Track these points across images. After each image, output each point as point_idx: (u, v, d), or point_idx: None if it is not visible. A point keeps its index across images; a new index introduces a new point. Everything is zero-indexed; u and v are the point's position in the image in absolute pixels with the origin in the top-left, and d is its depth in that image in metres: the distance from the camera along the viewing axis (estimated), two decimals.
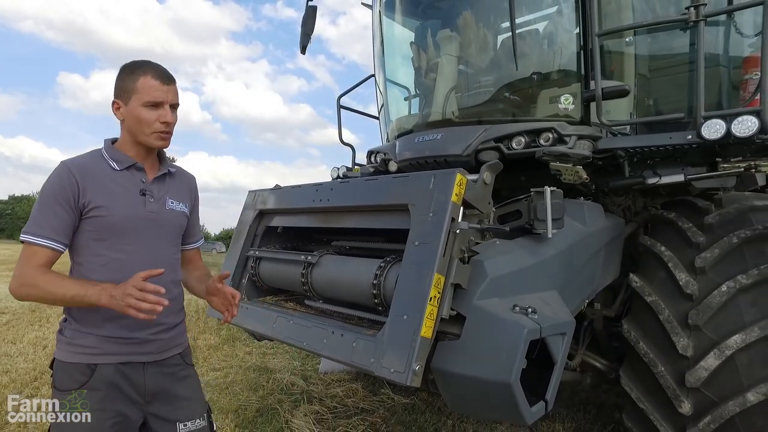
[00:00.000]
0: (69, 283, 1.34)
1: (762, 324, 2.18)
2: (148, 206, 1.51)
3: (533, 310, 1.71)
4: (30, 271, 1.34)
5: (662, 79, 2.92)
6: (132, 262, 1.44)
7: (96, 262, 1.44)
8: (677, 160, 2.69)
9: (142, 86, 1.45)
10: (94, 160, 1.48)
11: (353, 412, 3.45)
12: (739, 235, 2.39)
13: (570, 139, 2.51)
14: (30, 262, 1.36)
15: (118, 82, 1.49)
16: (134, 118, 1.46)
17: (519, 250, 2.00)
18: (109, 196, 1.44)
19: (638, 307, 2.58)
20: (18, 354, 4.97)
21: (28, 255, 1.37)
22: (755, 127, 2.12)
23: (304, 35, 3.98)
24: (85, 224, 1.42)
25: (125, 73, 1.48)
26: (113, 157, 1.50)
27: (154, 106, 1.46)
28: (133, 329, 1.46)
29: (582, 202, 2.57)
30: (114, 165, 1.48)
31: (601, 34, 2.50)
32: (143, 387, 1.49)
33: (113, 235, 1.44)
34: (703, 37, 2.25)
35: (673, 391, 2.32)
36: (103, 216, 1.42)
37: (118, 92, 1.48)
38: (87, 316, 1.43)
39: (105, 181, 1.45)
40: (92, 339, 1.43)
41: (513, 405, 1.59)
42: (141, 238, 1.48)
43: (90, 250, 1.44)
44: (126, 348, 1.46)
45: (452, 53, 3.06)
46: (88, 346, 1.43)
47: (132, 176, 1.51)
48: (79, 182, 1.40)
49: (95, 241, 1.43)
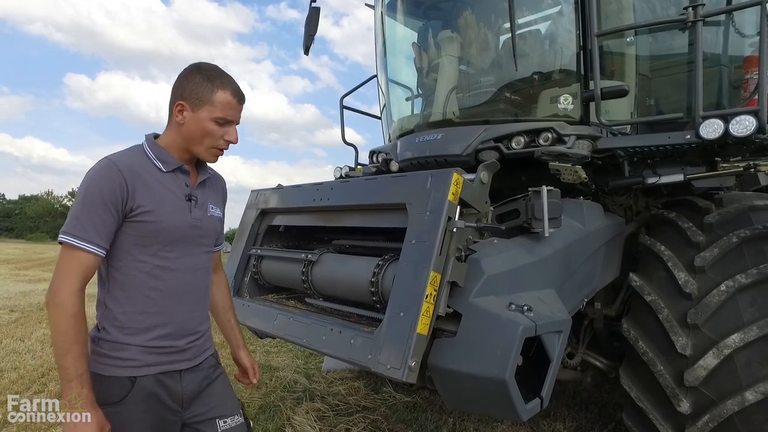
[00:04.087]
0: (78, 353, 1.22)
1: (761, 323, 2.19)
2: (194, 213, 1.43)
3: (529, 308, 1.73)
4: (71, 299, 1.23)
5: (663, 79, 2.92)
6: (175, 270, 1.38)
7: (137, 269, 1.34)
8: (677, 160, 2.69)
9: (218, 100, 1.36)
10: (139, 158, 1.36)
11: (355, 410, 3.48)
12: (739, 234, 2.40)
13: (569, 139, 2.52)
14: (71, 273, 1.24)
15: (189, 84, 1.37)
16: (199, 128, 1.37)
17: (516, 248, 2.02)
18: (158, 200, 1.34)
19: (638, 307, 2.59)
20: (26, 351, 5.04)
21: (68, 261, 1.25)
22: (753, 126, 2.13)
23: (308, 36, 4.01)
24: (129, 228, 1.31)
25: (202, 78, 1.37)
26: (159, 157, 1.39)
27: (224, 123, 1.39)
28: (172, 338, 1.40)
29: (581, 202, 2.58)
30: (160, 166, 1.38)
31: (600, 35, 2.51)
32: (181, 394, 1.43)
33: (159, 241, 1.35)
34: (701, 37, 2.25)
35: (672, 390, 2.32)
36: (151, 222, 1.32)
37: (188, 96, 1.37)
38: (126, 327, 1.34)
39: (153, 184, 1.34)
40: (133, 351, 1.34)
41: (508, 401, 1.61)
42: (184, 245, 1.41)
43: (131, 256, 1.33)
44: (165, 357, 1.39)
45: (453, 54, 3.08)
46: (129, 359, 1.34)
47: (177, 179, 1.41)
48: (128, 184, 1.29)
49: (138, 247, 1.33)
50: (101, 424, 1.24)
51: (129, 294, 1.34)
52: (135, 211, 1.30)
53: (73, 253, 1.25)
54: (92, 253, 1.26)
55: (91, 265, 1.27)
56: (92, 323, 1.38)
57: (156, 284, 1.34)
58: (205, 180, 1.51)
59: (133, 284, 1.34)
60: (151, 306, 1.36)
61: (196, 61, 1.50)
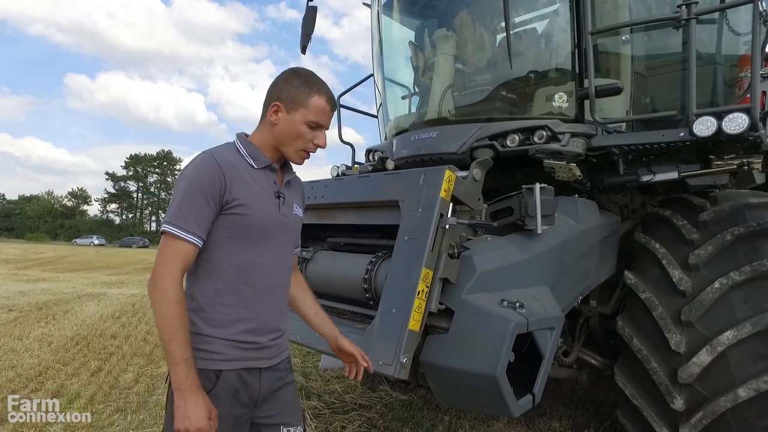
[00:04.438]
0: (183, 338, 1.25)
1: (754, 320, 2.19)
2: (282, 209, 1.47)
3: (521, 304, 1.74)
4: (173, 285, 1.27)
5: (658, 77, 2.93)
6: (263, 265, 1.41)
7: (229, 261, 1.37)
8: (671, 158, 2.69)
9: (314, 105, 1.41)
10: (233, 154, 1.41)
11: (351, 408, 3.48)
12: (733, 232, 2.40)
13: (563, 136, 2.53)
14: (173, 261, 1.28)
15: (287, 87, 1.42)
16: (292, 130, 1.42)
17: (509, 245, 2.02)
18: (252, 194, 1.38)
19: (633, 304, 2.59)
20: (24, 350, 5.05)
21: (170, 249, 1.29)
22: (746, 124, 2.13)
23: (305, 35, 4.01)
24: (223, 221, 1.35)
25: (299, 82, 1.42)
26: (251, 155, 1.43)
27: (315, 127, 1.43)
28: (256, 334, 1.42)
29: (576, 200, 2.59)
30: (252, 162, 1.42)
31: (594, 33, 2.51)
32: (258, 392, 1.45)
33: (250, 235, 1.38)
34: (694, 35, 2.26)
35: (666, 388, 2.33)
36: (244, 215, 1.36)
37: (285, 98, 1.41)
38: (213, 320, 1.37)
39: (247, 179, 1.39)
40: (218, 344, 1.36)
41: (499, 397, 1.62)
42: (273, 241, 1.44)
43: (223, 248, 1.36)
44: (248, 353, 1.41)
45: (448, 52, 3.09)
46: (214, 352, 1.36)
47: (267, 177, 1.45)
48: (227, 177, 1.33)
49: (230, 239, 1.37)
50: (209, 407, 1.26)
51: (218, 286, 1.36)
52: (231, 203, 1.34)
53: (174, 243, 1.28)
54: (192, 243, 1.30)
55: (190, 254, 1.31)
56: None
57: (245, 278, 1.37)
58: (290, 180, 1.55)
59: (223, 277, 1.36)
60: (239, 300, 1.38)
61: (197, 61, 1.51)
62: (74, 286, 11.43)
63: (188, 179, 1.32)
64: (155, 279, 1.26)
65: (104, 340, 5.66)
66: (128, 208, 78.51)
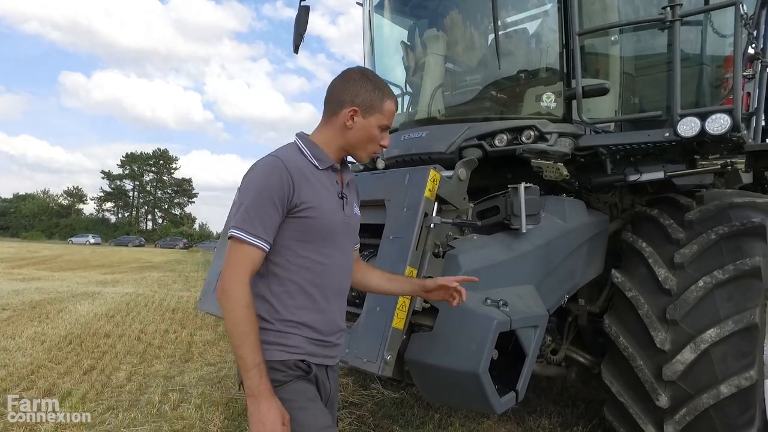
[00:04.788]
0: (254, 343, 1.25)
1: (736, 318, 2.22)
2: (345, 210, 1.46)
3: (504, 302, 1.76)
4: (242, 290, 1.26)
5: (646, 78, 2.96)
6: (331, 267, 1.41)
7: (298, 264, 1.36)
8: (658, 158, 2.72)
9: (386, 109, 1.44)
10: (297, 155, 1.40)
11: (342, 405, 3.50)
12: (717, 231, 2.43)
13: (551, 136, 2.55)
14: (242, 266, 1.27)
15: (361, 91, 1.42)
16: (367, 133, 1.43)
17: (495, 245, 2.05)
18: (318, 196, 1.37)
19: (620, 303, 2.62)
20: (16, 349, 5.04)
21: (238, 255, 1.28)
22: (728, 125, 2.16)
23: (297, 35, 4.02)
24: (291, 224, 1.34)
25: (373, 86, 1.43)
26: (315, 156, 1.41)
27: (384, 129, 1.46)
28: (327, 333, 1.42)
29: (563, 199, 2.61)
30: (316, 163, 1.41)
31: (581, 34, 2.54)
32: (329, 390, 1.46)
33: (318, 237, 1.38)
34: (678, 36, 2.29)
35: (651, 385, 2.36)
36: (312, 217, 1.35)
37: (361, 102, 1.41)
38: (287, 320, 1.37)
39: (312, 180, 1.37)
40: (297, 339, 1.37)
41: (482, 394, 1.64)
42: (338, 242, 1.43)
43: (292, 252, 1.36)
44: (321, 350, 1.41)
45: (439, 52, 3.11)
46: (294, 346, 1.36)
47: (329, 178, 1.44)
48: (294, 180, 1.32)
49: (298, 242, 1.36)
50: (282, 412, 1.26)
51: (288, 289, 1.36)
52: (298, 207, 1.33)
53: (242, 247, 1.28)
54: (259, 247, 1.29)
55: (258, 259, 1.30)
56: None
57: (314, 279, 1.36)
58: (349, 181, 1.54)
59: (292, 280, 1.36)
60: (309, 301, 1.38)
61: (194, 59, 1.51)
62: (69, 285, 11.40)
63: (256, 183, 1.32)
64: (225, 285, 1.26)
65: (98, 338, 5.66)
66: (124, 207, 78.26)
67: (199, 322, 6.76)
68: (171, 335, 6.00)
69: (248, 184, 1.33)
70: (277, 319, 1.36)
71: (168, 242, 52.12)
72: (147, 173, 76.79)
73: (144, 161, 75.76)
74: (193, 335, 6.00)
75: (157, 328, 6.40)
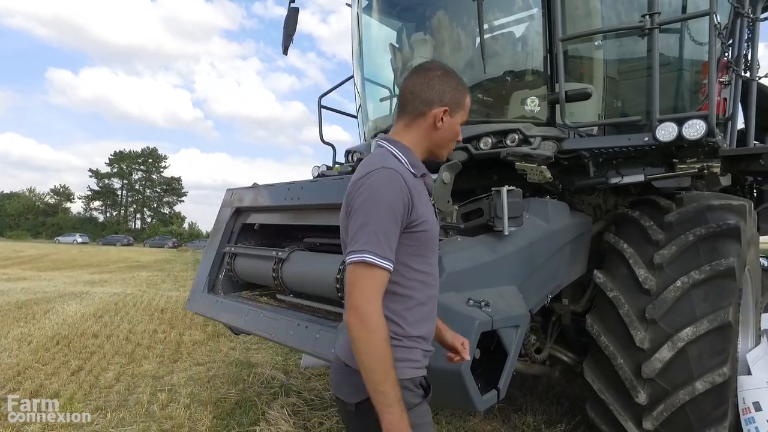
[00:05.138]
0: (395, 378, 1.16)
1: (711, 317, 2.30)
2: (438, 216, 1.45)
3: (486, 303, 1.80)
4: (381, 321, 1.17)
5: (629, 82, 3.03)
6: (436, 277, 1.38)
7: (417, 279, 1.30)
8: (638, 161, 2.79)
9: (467, 105, 1.41)
10: (400, 165, 1.30)
11: (329, 405, 3.53)
12: (695, 232, 2.51)
13: (534, 140, 2.60)
14: (376, 293, 1.18)
15: (449, 89, 1.36)
16: (453, 131, 1.39)
17: (478, 246, 2.09)
18: (426, 207, 1.31)
19: (601, 302, 2.68)
20: (2, 350, 5.01)
21: (372, 281, 1.18)
22: (703, 130, 2.24)
23: (287, 36, 4.04)
24: (408, 239, 1.26)
25: (455, 83, 1.38)
26: (412, 163, 1.33)
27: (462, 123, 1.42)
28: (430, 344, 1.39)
29: (546, 201, 2.66)
30: (414, 171, 1.32)
31: (564, 39, 2.59)
32: None
33: (429, 250, 1.33)
34: (657, 43, 2.35)
35: (631, 382, 2.42)
36: (426, 231, 1.29)
37: (449, 101, 1.36)
38: (411, 336, 1.31)
39: (419, 190, 1.30)
40: (418, 353, 1.33)
41: (464, 392, 1.69)
42: (437, 250, 1.39)
43: (409, 267, 1.29)
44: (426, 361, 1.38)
45: (426, 55, 3.15)
46: (416, 360, 1.32)
47: (422, 184, 1.37)
48: (413, 196, 1.25)
49: (414, 257, 1.29)
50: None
51: (409, 305, 1.31)
52: (415, 222, 1.26)
53: (374, 272, 1.18)
54: (388, 270, 1.21)
55: (387, 281, 1.22)
56: None
57: (428, 291, 1.33)
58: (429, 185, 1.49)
59: (411, 296, 1.30)
60: (426, 314, 1.35)
61: (183, 57, 1.46)
62: (56, 285, 11.29)
63: (377, 199, 1.21)
64: (363, 315, 1.16)
65: (85, 339, 5.63)
66: (112, 206, 77.28)
67: (188, 322, 6.74)
68: (160, 335, 5.99)
69: (370, 201, 1.22)
70: (404, 335, 1.29)
71: (157, 241, 51.62)
72: (136, 172, 75.92)
73: (133, 159, 74.89)
74: (182, 335, 5.99)
75: (145, 328, 6.38)
